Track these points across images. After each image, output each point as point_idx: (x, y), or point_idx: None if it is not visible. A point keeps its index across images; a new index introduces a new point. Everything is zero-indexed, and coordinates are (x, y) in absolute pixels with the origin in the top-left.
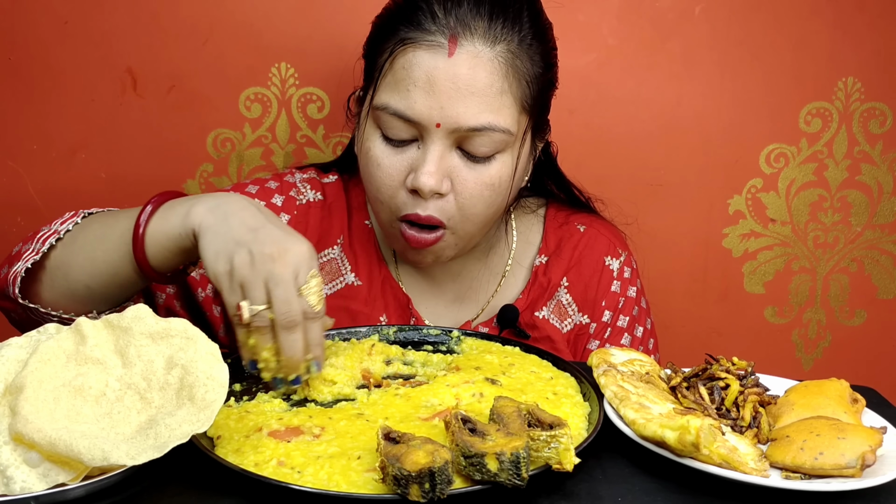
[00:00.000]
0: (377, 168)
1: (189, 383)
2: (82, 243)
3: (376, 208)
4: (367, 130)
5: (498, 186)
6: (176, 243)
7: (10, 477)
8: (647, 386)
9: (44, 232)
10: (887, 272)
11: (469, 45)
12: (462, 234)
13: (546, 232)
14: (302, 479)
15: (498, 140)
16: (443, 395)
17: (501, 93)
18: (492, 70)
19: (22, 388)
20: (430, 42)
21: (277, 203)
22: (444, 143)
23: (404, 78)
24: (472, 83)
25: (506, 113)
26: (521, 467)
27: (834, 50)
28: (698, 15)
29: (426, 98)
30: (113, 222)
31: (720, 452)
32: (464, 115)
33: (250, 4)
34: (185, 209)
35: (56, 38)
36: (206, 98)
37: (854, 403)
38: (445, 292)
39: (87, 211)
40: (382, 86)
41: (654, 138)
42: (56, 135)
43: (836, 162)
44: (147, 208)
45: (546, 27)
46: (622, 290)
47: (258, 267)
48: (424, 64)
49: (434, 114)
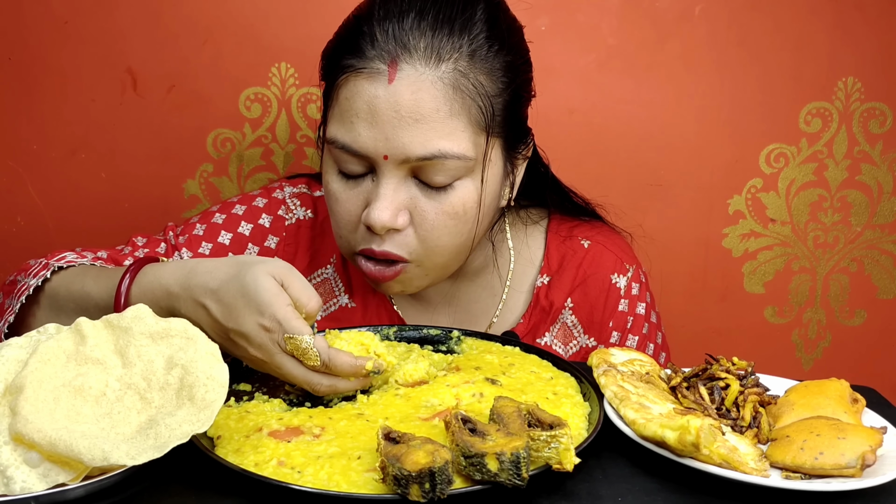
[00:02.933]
0: (335, 203)
1: (189, 383)
2: (58, 310)
3: (338, 242)
4: (326, 163)
5: (463, 215)
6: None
7: (10, 477)
8: (647, 386)
9: (19, 286)
10: (887, 272)
11: (409, 67)
12: (430, 265)
13: (548, 248)
14: (302, 479)
15: (454, 167)
16: (443, 395)
17: (451, 116)
18: (436, 93)
19: (22, 388)
20: (370, 69)
21: (265, 224)
22: (396, 175)
23: (348, 109)
24: (416, 109)
25: (459, 137)
26: (521, 467)
27: (834, 50)
28: (698, 15)
29: (369, 130)
30: (86, 294)
31: (720, 452)
32: (410, 144)
33: (250, 4)
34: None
35: (56, 38)
36: (206, 98)
37: (854, 403)
38: (440, 316)
39: (57, 264)
40: (331, 118)
41: (654, 138)
42: (56, 135)
43: (836, 162)
44: (124, 282)
45: (508, 32)
46: (630, 308)
47: (258, 364)
48: (365, 93)
49: (379, 146)
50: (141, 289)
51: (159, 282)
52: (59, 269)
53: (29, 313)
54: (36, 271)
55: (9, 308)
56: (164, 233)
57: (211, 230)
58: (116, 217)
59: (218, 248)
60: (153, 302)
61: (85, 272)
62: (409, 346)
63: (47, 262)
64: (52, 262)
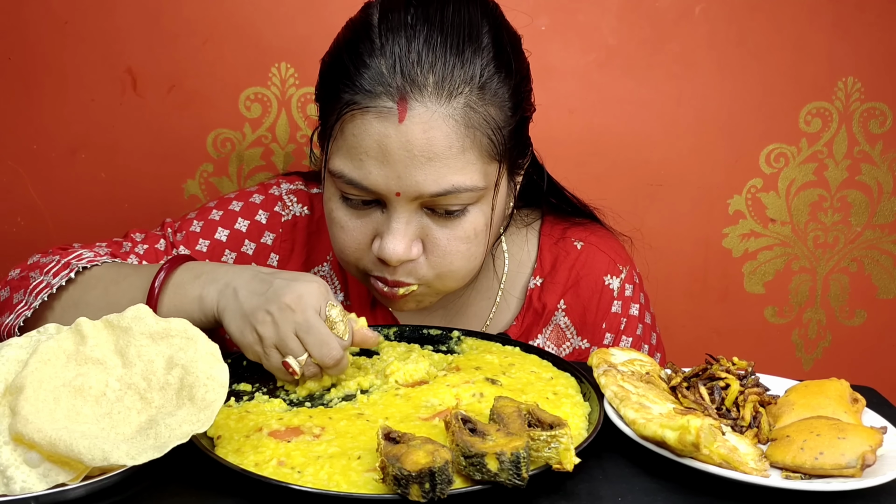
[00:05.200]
0: (341, 230)
1: (189, 383)
2: (84, 308)
3: (343, 263)
4: (328, 190)
5: (475, 238)
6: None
7: (10, 477)
8: (647, 386)
9: (35, 282)
10: (887, 272)
11: (420, 105)
12: (441, 287)
13: (541, 250)
14: (302, 479)
15: (467, 198)
16: (443, 395)
17: (463, 151)
18: (448, 131)
19: (22, 388)
20: (378, 108)
21: (262, 220)
22: (408, 209)
23: (355, 146)
24: (429, 148)
25: (471, 170)
26: (521, 467)
27: (834, 50)
28: (698, 15)
29: (381, 168)
30: (116, 292)
31: (720, 452)
32: (423, 182)
33: (250, 4)
34: (196, 294)
35: (56, 38)
36: (206, 98)
37: (854, 403)
38: (435, 318)
39: (78, 263)
40: (335, 150)
41: (654, 138)
42: (56, 135)
43: (835, 162)
44: (158, 278)
45: (512, 52)
46: (624, 309)
47: (282, 324)
48: (374, 132)
49: (392, 184)
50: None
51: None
52: (84, 269)
53: (41, 315)
54: (55, 270)
55: (21, 303)
56: (162, 229)
57: (208, 227)
58: (116, 217)
59: (215, 245)
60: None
61: (110, 273)
62: (409, 346)
63: (66, 260)
64: (73, 261)
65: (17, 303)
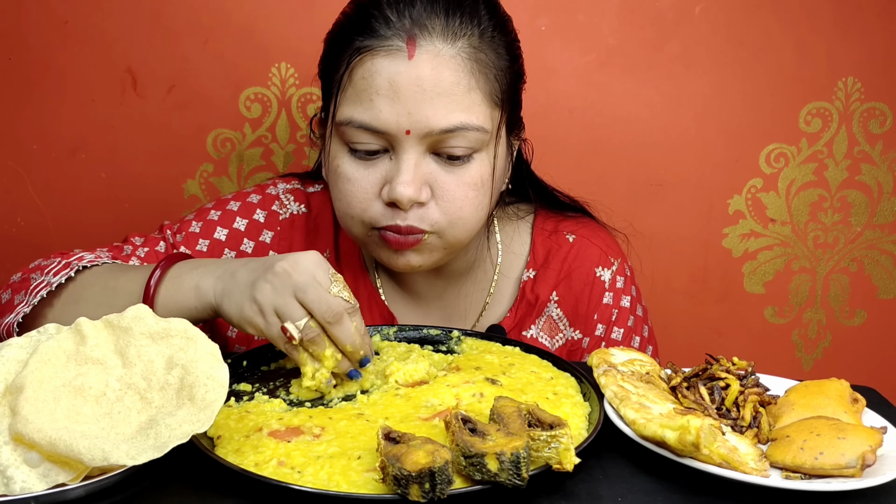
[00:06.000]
0: (347, 183)
1: (189, 383)
2: (84, 307)
3: (347, 224)
4: (334, 149)
5: (481, 186)
6: (192, 315)
7: (10, 477)
8: (647, 386)
9: (35, 282)
10: (887, 272)
11: (428, 44)
12: (450, 238)
13: (534, 243)
14: (302, 479)
15: (473, 139)
16: (443, 395)
17: (469, 90)
18: (456, 67)
19: (22, 388)
20: (388, 47)
21: (260, 219)
22: (417, 150)
23: (365, 88)
24: (438, 83)
25: (477, 110)
26: (521, 467)
27: (834, 50)
28: (698, 15)
29: (391, 105)
30: (115, 286)
31: (720, 452)
32: (433, 117)
33: (250, 4)
34: (193, 283)
35: (56, 38)
36: (206, 98)
37: (854, 403)
38: (432, 311)
39: (78, 263)
40: (343, 100)
41: (654, 138)
42: (56, 135)
43: (836, 162)
44: (155, 274)
45: (505, 19)
46: (615, 301)
47: (280, 288)
48: (385, 70)
49: (402, 120)
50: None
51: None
52: (84, 269)
53: (41, 312)
54: (56, 269)
55: (22, 303)
56: (161, 231)
57: (207, 227)
58: (116, 217)
59: (214, 245)
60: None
61: (110, 270)
62: (409, 346)
63: (67, 261)
64: (73, 262)
65: (17, 303)
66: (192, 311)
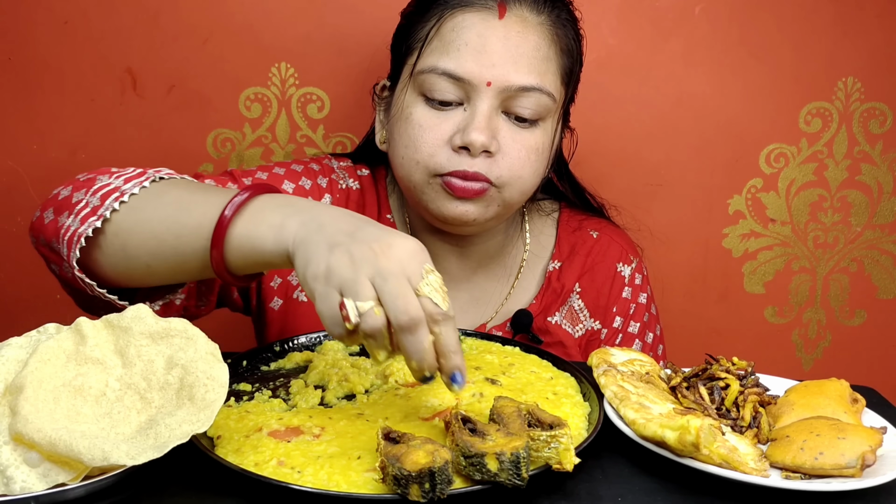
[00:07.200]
0: (419, 129)
1: (189, 383)
2: (150, 217)
3: (409, 170)
4: (408, 99)
5: (541, 153)
6: (264, 258)
7: (10, 477)
8: (647, 386)
9: (101, 184)
10: (887, 272)
11: (517, 10)
12: (507, 196)
13: (559, 236)
14: (302, 479)
15: (543, 104)
16: (443, 395)
17: (548, 59)
18: (538, 35)
19: (22, 388)
20: (481, 5)
21: (322, 184)
22: (491, 104)
23: (454, 40)
24: (522, 44)
25: (550, 78)
26: (521, 467)
27: (834, 50)
28: (698, 15)
29: (477, 57)
30: (190, 203)
31: (720, 452)
32: (514, 73)
33: (250, 4)
34: (277, 221)
35: (56, 38)
36: (206, 98)
37: (854, 403)
38: (461, 292)
39: (156, 173)
40: (428, 51)
41: (654, 138)
42: (56, 135)
43: (836, 162)
44: (235, 200)
45: (576, 17)
46: (633, 296)
47: (359, 264)
48: (475, 26)
49: (485, 72)
50: (256, 204)
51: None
52: (161, 180)
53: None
54: (129, 176)
55: (86, 205)
56: (227, 174)
57: (273, 179)
58: None
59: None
60: (266, 225)
61: (187, 186)
62: None
63: (143, 170)
64: (150, 172)
65: (78, 204)
66: (263, 253)
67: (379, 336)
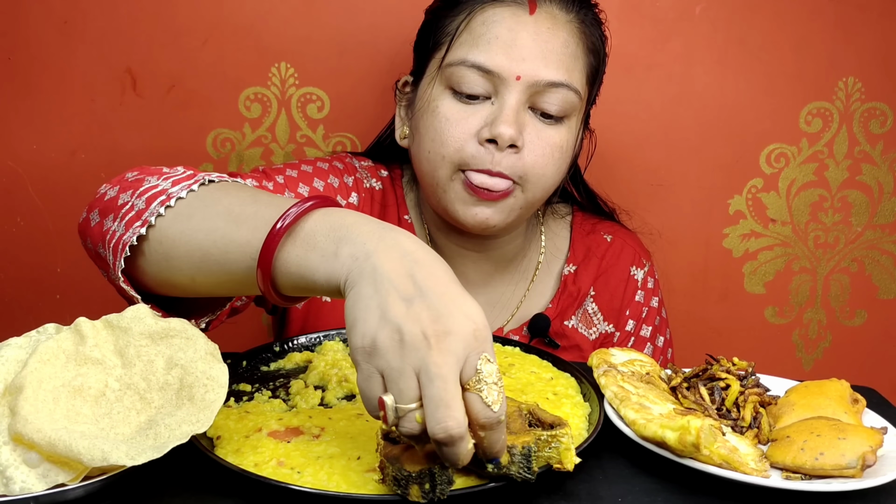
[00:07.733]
0: (446, 122)
1: (189, 383)
2: (196, 227)
3: (435, 165)
4: (435, 91)
5: (564, 151)
6: (315, 289)
7: (10, 477)
8: (647, 386)
9: (148, 185)
10: (888, 272)
11: (548, 7)
12: (530, 196)
13: (574, 240)
14: (301, 480)
15: (569, 101)
16: None
17: (575, 57)
18: (569, 32)
19: (21, 388)
20: (511, 0)
21: (349, 182)
22: (519, 98)
23: (484, 33)
24: (552, 40)
25: (577, 76)
26: (531, 461)
27: (834, 50)
28: (698, 15)
29: (507, 50)
30: (239, 217)
31: (720, 453)
32: (544, 68)
33: (250, 4)
34: (331, 249)
35: (56, 38)
36: (206, 98)
37: (854, 404)
38: (477, 296)
39: (207, 176)
40: (457, 45)
41: (654, 138)
42: (56, 135)
43: (836, 162)
44: (291, 212)
45: (601, 20)
46: (646, 300)
47: (408, 354)
48: (506, 20)
49: (515, 66)
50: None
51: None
52: (210, 183)
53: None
54: (177, 178)
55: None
56: (260, 173)
57: (303, 177)
58: None
59: (313, 192)
60: (318, 252)
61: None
62: None
63: (193, 172)
64: (200, 175)
65: (124, 207)
66: (315, 286)
67: (416, 438)
